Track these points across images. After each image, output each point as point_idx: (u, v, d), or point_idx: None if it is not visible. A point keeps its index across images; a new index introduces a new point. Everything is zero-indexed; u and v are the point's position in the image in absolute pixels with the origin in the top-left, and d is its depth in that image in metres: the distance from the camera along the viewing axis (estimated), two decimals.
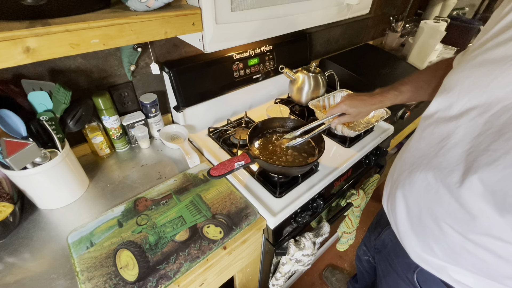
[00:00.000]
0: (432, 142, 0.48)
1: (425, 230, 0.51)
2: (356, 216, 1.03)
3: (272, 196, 0.75)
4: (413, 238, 0.55)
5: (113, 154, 0.88)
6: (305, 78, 1.05)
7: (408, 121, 1.23)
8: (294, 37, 1.16)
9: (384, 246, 0.73)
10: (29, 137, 0.63)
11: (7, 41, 0.39)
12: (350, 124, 0.98)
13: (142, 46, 0.78)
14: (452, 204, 0.44)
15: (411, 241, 0.56)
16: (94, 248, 0.60)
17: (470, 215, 0.42)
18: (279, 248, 0.77)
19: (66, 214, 0.69)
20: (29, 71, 0.68)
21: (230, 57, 0.96)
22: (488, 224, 0.40)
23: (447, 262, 0.51)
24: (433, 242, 0.50)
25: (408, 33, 1.82)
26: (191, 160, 0.83)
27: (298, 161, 0.76)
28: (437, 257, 0.52)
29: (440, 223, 0.47)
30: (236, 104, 1.08)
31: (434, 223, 0.48)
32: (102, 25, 0.46)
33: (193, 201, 0.72)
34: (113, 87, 0.83)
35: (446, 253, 0.50)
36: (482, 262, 0.45)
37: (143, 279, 0.55)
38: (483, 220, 0.41)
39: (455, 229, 0.45)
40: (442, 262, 0.52)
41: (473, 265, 0.47)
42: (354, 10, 0.89)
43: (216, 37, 0.61)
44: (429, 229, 0.50)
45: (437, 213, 0.47)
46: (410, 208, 0.53)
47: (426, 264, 0.55)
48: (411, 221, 0.54)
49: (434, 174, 0.46)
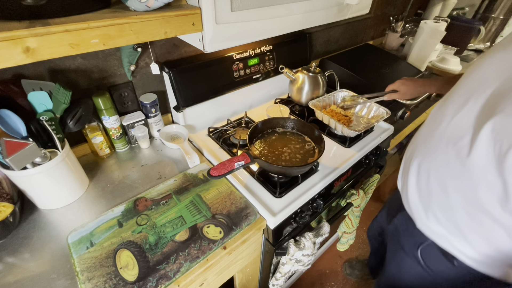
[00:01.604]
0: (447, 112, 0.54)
1: (431, 198, 0.58)
2: (356, 216, 1.03)
3: (272, 196, 0.75)
4: (420, 208, 0.62)
5: (113, 154, 0.88)
6: (305, 78, 1.05)
7: (408, 121, 1.23)
8: (294, 37, 1.16)
9: (396, 230, 0.79)
10: (29, 137, 0.63)
11: (7, 41, 0.39)
12: (350, 124, 0.98)
13: (142, 46, 0.78)
14: (458, 167, 0.49)
15: (419, 211, 0.62)
16: (94, 248, 0.60)
17: (473, 175, 0.47)
18: (279, 248, 0.77)
19: (66, 214, 0.69)
20: (29, 71, 0.68)
21: (230, 57, 0.96)
22: (486, 183, 0.46)
23: (449, 230, 0.56)
24: (438, 209, 0.57)
25: (408, 33, 1.82)
26: (191, 160, 0.83)
27: (297, 160, 0.76)
28: (440, 225, 0.58)
29: (445, 187, 0.53)
30: (236, 104, 1.08)
31: (440, 188, 0.54)
32: (102, 25, 0.46)
33: (193, 201, 0.72)
34: (113, 87, 0.83)
35: (448, 219, 0.55)
36: (479, 225, 0.50)
37: (143, 279, 0.55)
38: (482, 180, 0.46)
39: (459, 192, 0.51)
40: (445, 231, 0.57)
41: (472, 229, 0.52)
42: (354, 10, 0.89)
43: (216, 37, 0.61)
44: (435, 196, 0.56)
45: (444, 176, 0.53)
46: (420, 176, 0.60)
47: (432, 233, 0.61)
48: (419, 191, 0.61)
49: (447, 140, 0.52)
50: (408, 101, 1.23)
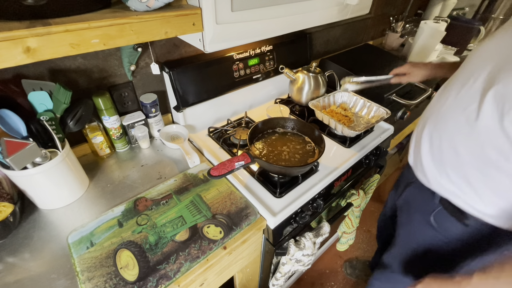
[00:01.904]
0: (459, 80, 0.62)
1: (443, 160, 0.64)
2: (356, 216, 1.03)
3: (272, 196, 0.75)
4: (434, 170, 0.68)
5: (113, 154, 0.88)
6: (305, 78, 1.05)
7: (408, 121, 1.23)
8: (294, 37, 1.16)
9: (406, 202, 0.85)
10: (29, 137, 0.63)
11: (8, 41, 0.39)
12: (350, 124, 0.98)
13: (142, 46, 0.78)
14: (467, 130, 0.57)
15: (433, 173, 0.68)
16: (94, 248, 0.60)
17: (480, 136, 0.55)
18: (279, 248, 0.77)
19: (66, 214, 0.69)
20: (30, 71, 0.68)
21: (230, 57, 0.96)
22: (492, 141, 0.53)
23: (460, 188, 0.63)
24: (450, 169, 0.63)
25: (408, 33, 1.82)
26: (191, 160, 0.83)
27: (297, 160, 0.76)
28: (453, 184, 0.64)
29: (456, 148, 0.60)
30: (236, 104, 1.08)
31: (452, 150, 0.61)
32: (103, 25, 0.46)
33: (193, 201, 0.72)
34: (113, 87, 0.83)
35: (460, 176, 0.62)
36: (488, 178, 0.57)
37: (143, 279, 0.55)
38: (489, 138, 0.54)
39: (469, 151, 0.58)
40: (457, 188, 0.63)
41: (481, 183, 0.58)
42: (354, 10, 0.89)
43: (216, 37, 0.61)
44: (447, 157, 0.63)
45: (455, 139, 0.60)
46: (432, 142, 0.67)
47: (446, 191, 0.67)
48: (432, 155, 0.68)
49: (456, 109, 0.60)
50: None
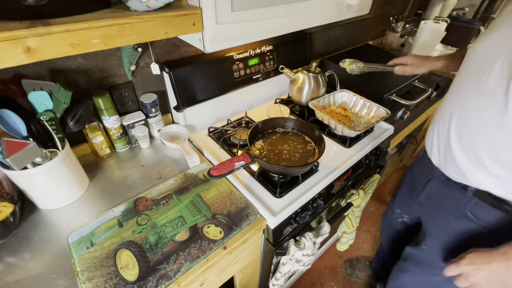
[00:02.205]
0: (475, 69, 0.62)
1: (479, 153, 0.63)
2: (356, 216, 1.03)
3: (272, 196, 0.75)
4: (470, 166, 0.66)
5: (113, 154, 0.88)
6: (305, 78, 1.05)
7: (408, 121, 1.23)
8: (294, 37, 1.16)
9: (430, 197, 0.83)
10: (30, 137, 0.63)
11: (8, 41, 0.39)
12: (350, 124, 0.98)
13: (143, 46, 0.78)
14: (497, 120, 0.57)
15: (469, 168, 0.66)
16: (94, 248, 0.60)
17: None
18: (279, 248, 0.77)
19: (66, 214, 0.69)
20: (30, 71, 0.68)
21: (230, 57, 0.96)
22: None
23: (501, 178, 0.61)
24: (488, 161, 0.62)
25: (408, 33, 1.82)
26: (191, 160, 0.83)
27: (297, 159, 0.76)
28: (492, 176, 0.63)
29: (490, 139, 0.60)
30: (236, 104, 1.08)
31: (485, 142, 0.61)
32: (103, 25, 0.46)
33: (193, 201, 0.72)
34: (113, 87, 0.83)
35: (502, 167, 0.60)
36: None
37: (143, 279, 0.55)
38: None
39: (503, 139, 0.57)
40: (497, 180, 0.62)
41: None
42: (354, 10, 0.89)
43: (216, 37, 0.61)
44: (482, 150, 0.62)
45: (487, 131, 0.60)
46: (462, 139, 0.66)
47: (486, 184, 0.65)
48: (465, 152, 0.66)
49: (481, 101, 0.60)
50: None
